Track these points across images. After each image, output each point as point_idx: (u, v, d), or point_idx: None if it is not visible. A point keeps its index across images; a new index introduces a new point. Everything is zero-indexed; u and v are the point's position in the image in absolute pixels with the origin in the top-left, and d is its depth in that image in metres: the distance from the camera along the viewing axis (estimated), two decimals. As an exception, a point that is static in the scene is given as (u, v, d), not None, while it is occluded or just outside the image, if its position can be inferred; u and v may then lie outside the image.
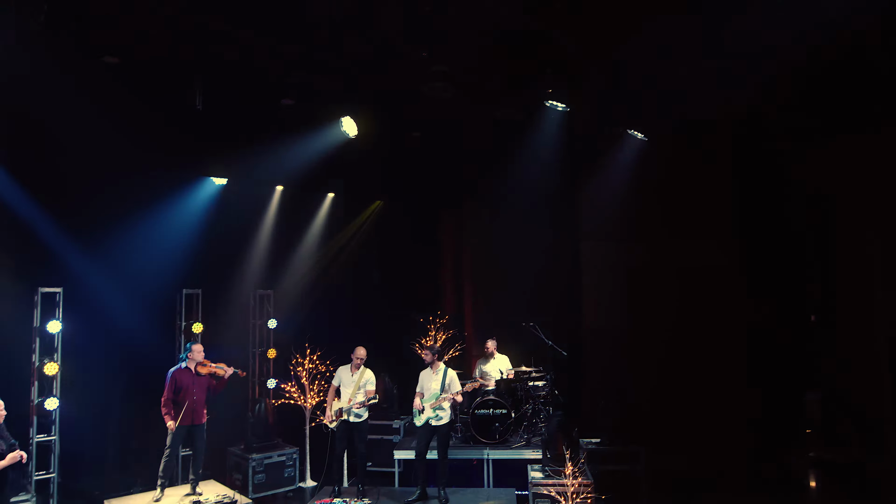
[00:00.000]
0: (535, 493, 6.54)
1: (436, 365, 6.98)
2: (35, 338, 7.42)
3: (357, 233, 11.38)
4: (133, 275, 8.49)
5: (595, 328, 10.16)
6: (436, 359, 6.98)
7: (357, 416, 6.96)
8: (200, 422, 6.80)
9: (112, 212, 8.25)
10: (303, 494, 8.36)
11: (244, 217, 9.77)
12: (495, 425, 7.95)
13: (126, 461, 8.94)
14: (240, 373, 7.05)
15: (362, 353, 7.16)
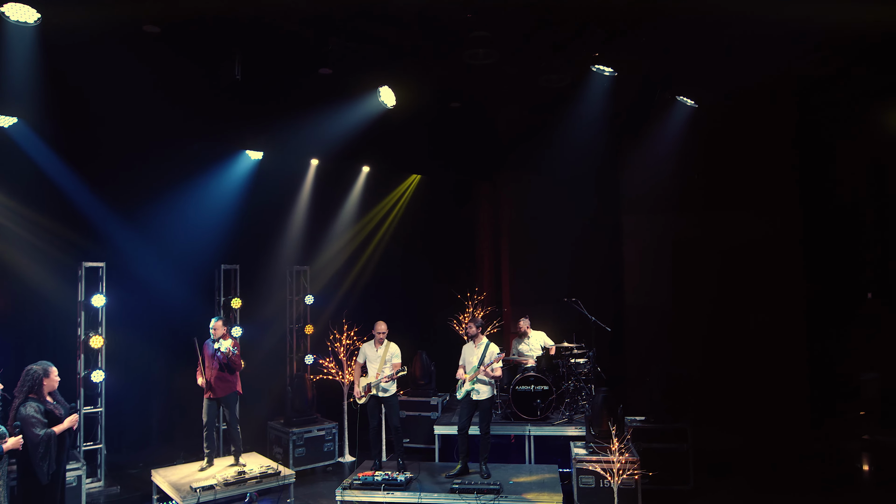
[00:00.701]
0: (580, 469, 6.52)
1: (478, 338, 6.98)
2: (80, 311, 7.64)
3: (393, 207, 11.39)
4: (173, 249, 8.68)
5: (637, 304, 10.04)
6: (479, 332, 6.98)
7: (384, 390, 7.03)
8: (223, 394, 6.95)
9: (151, 186, 8.41)
10: (342, 469, 8.51)
11: (280, 192, 9.85)
12: (536, 402, 7.95)
13: (169, 434, 9.22)
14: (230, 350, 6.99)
15: (383, 327, 7.22)
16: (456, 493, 6.22)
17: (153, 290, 8.54)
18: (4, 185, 7.30)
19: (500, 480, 6.48)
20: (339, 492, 6.33)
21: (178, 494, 5.95)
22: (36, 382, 4.73)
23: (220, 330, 6.97)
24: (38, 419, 4.59)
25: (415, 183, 11.38)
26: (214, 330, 6.96)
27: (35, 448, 4.54)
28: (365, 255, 11.10)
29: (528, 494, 6.21)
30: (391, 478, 6.44)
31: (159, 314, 8.68)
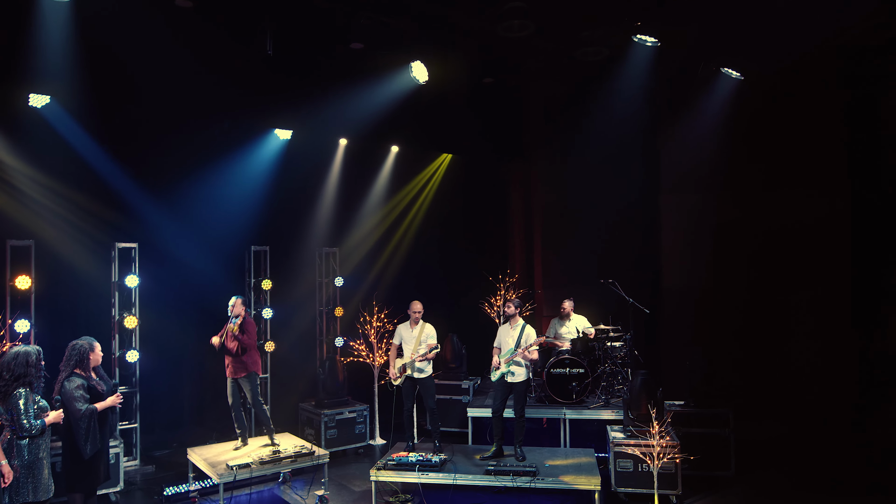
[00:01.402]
0: (618, 453, 6.50)
1: (515, 319, 6.96)
2: (114, 292, 7.81)
3: (424, 188, 11.40)
4: (203, 230, 8.83)
5: (675, 287, 9.91)
6: (517, 313, 6.96)
7: (419, 370, 7.05)
8: (238, 375, 7.04)
9: (183, 167, 8.54)
10: (372, 451, 8.62)
11: (308, 173, 9.94)
12: (572, 385, 7.93)
13: (200, 416, 9.43)
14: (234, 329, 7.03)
15: (419, 307, 7.21)
16: (492, 475, 6.24)
17: (184, 271, 8.71)
18: (41, 165, 7.48)
19: (535, 463, 6.49)
20: (374, 472, 6.40)
21: (214, 472, 6.08)
22: (83, 357, 4.86)
23: (238, 307, 7.05)
24: (81, 394, 4.72)
25: (445, 163, 11.36)
26: (232, 307, 7.04)
27: (77, 423, 4.67)
28: (395, 237, 11.14)
29: (565, 477, 6.20)
30: (426, 459, 6.49)
31: (190, 295, 8.85)
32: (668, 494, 6.35)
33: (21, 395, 4.25)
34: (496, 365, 6.89)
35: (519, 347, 6.78)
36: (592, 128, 9.46)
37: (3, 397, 4.17)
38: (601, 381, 8.16)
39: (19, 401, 4.23)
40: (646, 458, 6.10)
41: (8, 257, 6.79)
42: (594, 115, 9.27)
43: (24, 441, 4.25)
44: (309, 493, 6.88)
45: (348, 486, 7.19)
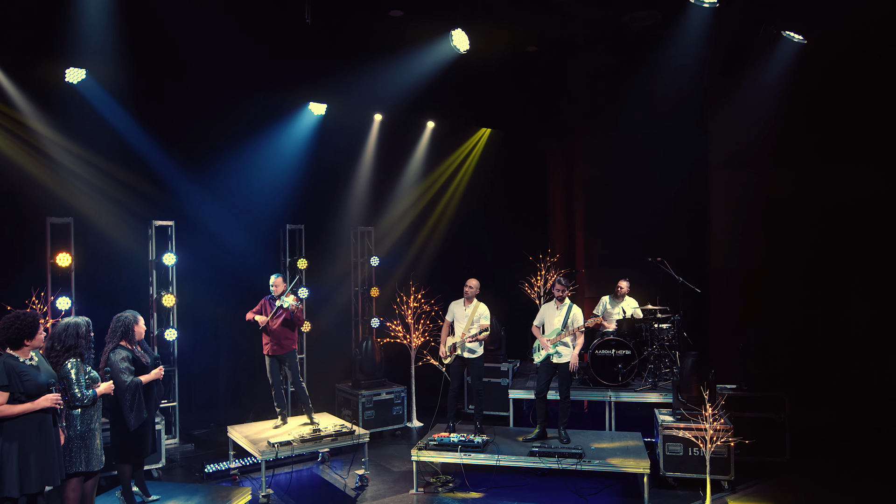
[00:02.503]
0: (667, 437, 6.46)
1: (563, 299, 6.93)
2: (151, 270, 8.01)
3: (461, 165, 11.39)
4: (238, 208, 8.98)
5: (725, 267, 9.75)
6: (565, 292, 6.93)
7: (471, 351, 7.06)
8: (283, 352, 7.16)
9: (218, 144, 8.68)
10: (410, 434, 8.72)
11: (343, 151, 10.00)
12: (618, 367, 7.89)
13: (236, 396, 9.65)
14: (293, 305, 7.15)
15: (474, 283, 7.20)
16: (536, 457, 6.27)
17: (220, 250, 8.88)
18: (78, 142, 7.67)
19: (580, 445, 6.49)
20: (415, 452, 6.48)
21: (255, 449, 6.23)
22: (128, 329, 5.01)
23: (281, 286, 7.15)
24: (126, 366, 4.88)
25: (484, 138, 11.32)
26: (275, 287, 7.13)
27: (122, 395, 4.83)
28: (433, 216, 11.19)
29: (612, 459, 6.20)
30: (468, 440, 6.55)
31: (225, 274, 9.02)
32: (720, 480, 6.30)
33: (73, 364, 4.40)
34: (544, 346, 6.86)
35: (566, 328, 6.75)
36: (639, 100, 9.29)
37: (55, 367, 4.33)
38: (648, 364, 8.11)
39: (71, 371, 4.38)
40: (697, 442, 6.05)
41: (48, 234, 6.99)
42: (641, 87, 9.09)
43: (76, 411, 4.42)
44: (349, 473, 7.01)
45: (387, 467, 7.31)
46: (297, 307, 7.14)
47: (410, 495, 6.45)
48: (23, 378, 3.96)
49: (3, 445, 3.91)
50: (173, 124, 8.31)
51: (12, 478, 3.89)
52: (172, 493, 5.38)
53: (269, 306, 7.15)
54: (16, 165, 7.28)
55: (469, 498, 6.33)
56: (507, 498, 6.27)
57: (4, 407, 3.90)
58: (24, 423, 3.96)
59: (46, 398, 4.01)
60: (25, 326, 4.04)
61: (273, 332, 7.07)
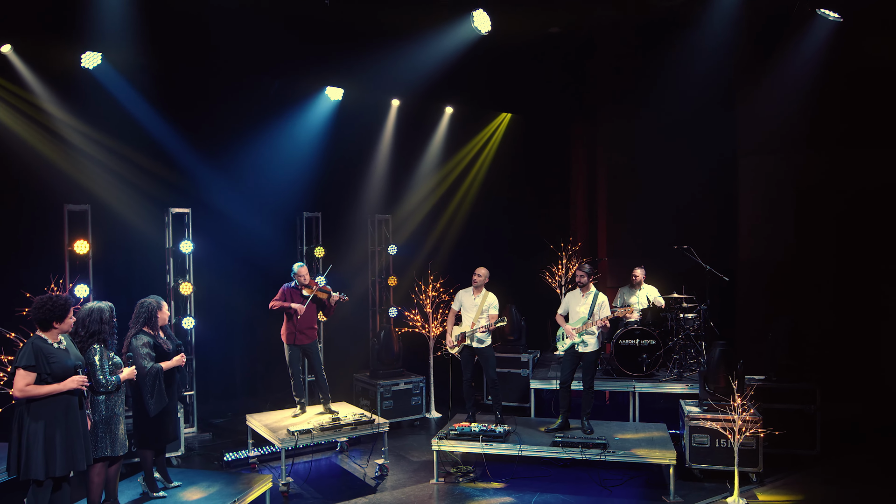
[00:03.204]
0: (693, 428, 6.45)
1: (587, 287, 6.92)
2: (168, 258, 8.11)
3: (480, 152, 11.39)
4: (255, 196, 9.06)
5: (753, 256, 9.67)
6: (589, 280, 6.92)
7: (479, 341, 7.09)
8: (308, 341, 7.22)
9: (235, 129, 8.77)
10: (428, 424, 8.78)
11: (359, 137, 10.04)
12: (642, 357, 7.88)
13: (253, 385, 9.78)
14: (342, 298, 7.32)
15: (483, 272, 7.20)
16: (559, 447, 6.29)
17: (236, 238, 8.98)
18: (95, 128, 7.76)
19: (604, 436, 6.51)
20: (436, 441, 6.53)
21: (275, 437, 6.31)
22: (151, 315, 5.10)
23: (306, 276, 7.19)
24: (147, 352, 4.96)
25: (504, 124, 11.30)
26: (300, 276, 7.17)
27: (142, 380, 4.91)
28: (452, 204, 11.21)
29: (637, 450, 6.21)
30: (490, 429, 6.59)
31: (242, 262, 9.12)
32: (749, 472, 6.29)
33: (96, 350, 4.49)
34: (569, 334, 6.87)
35: (592, 317, 6.75)
36: (666, 84, 9.21)
37: (81, 349, 4.42)
38: (673, 354, 8.08)
39: (95, 357, 4.47)
40: (725, 433, 6.04)
41: (66, 222, 7.10)
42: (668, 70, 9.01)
43: (100, 397, 4.51)
44: (368, 463, 7.09)
45: (406, 457, 7.37)
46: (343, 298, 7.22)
47: (431, 485, 6.51)
48: (50, 360, 4.05)
49: (29, 426, 4.00)
50: (190, 111, 8.39)
51: (38, 459, 3.98)
52: (194, 480, 5.48)
53: (292, 295, 7.18)
54: (33, 152, 7.39)
55: (490, 488, 6.38)
56: (529, 489, 6.31)
57: (31, 387, 3.99)
58: (51, 405, 4.05)
59: (73, 380, 4.09)
60: (56, 308, 4.13)
61: (298, 321, 7.10)
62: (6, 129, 7.24)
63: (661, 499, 6.05)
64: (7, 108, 7.24)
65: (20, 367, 4.00)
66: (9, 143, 7.22)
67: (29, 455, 3.99)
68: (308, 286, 7.16)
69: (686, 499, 6.03)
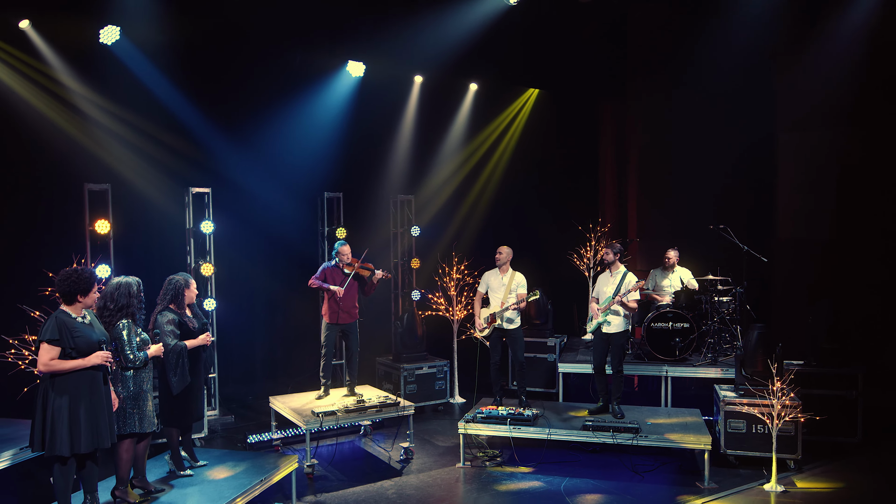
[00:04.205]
0: (729, 413, 6.44)
1: (615, 266, 6.92)
2: (189, 238, 8.22)
3: (506, 130, 11.36)
4: (275, 175, 9.14)
5: (791, 236, 9.56)
6: (617, 259, 6.91)
7: (509, 321, 7.11)
8: (350, 321, 7.28)
9: (256, 106, 8.86)
10: (452, 409, 8.86)
11: (381, 115, 10.07)
12: (675, 340, 7.86)
13: (273, 369, 9.93)
14: (386, 275, 7.41)
15: (506, 250, 7.21)
16: (590, 431, 6.32)
17: (256, 218, 9.10)
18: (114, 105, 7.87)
19: (636, 421, 6.52)
20: (462, 425, 6.60)
21: (300, 418, 6.42)
22: (178, 292, 5.20)
23: (348, 255, 7.24)
24: (171, 329, 5.07)
25: (530, 101, 11.26)
26: (342, 255, 7.22)
27: (166, 357, 5.03)
28: (477, 184, 11.23)
29: (670, 435, 6.22)
30: (518, 413, 6.63)
31: (262, 243, 9.25)
32: (786, 458, 6.28)
33: (124, 326, 4.60)
34: (594, 314, 6.89)
35: (618, 295, 6.75)
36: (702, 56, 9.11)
37: (107, 328, 4.53)
38: (707, 338, 8.04)
39: (122, 332, 4.58)
40: (764, 419, 6.02)
41: (86, 201, 7.21)
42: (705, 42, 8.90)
43: (128, 372, 4.63)
44: (393, 446, 7.18)
45: (431, 441, 7.46)
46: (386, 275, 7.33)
47: (457, 469, 6.59)
48: (74, 334, 4.15)
49: (54, 401, 4.11)
50: (210, 87, 8.48)
51: (63, 436, 4.09)
52: (220, 460, 5.60)
53: (333, 275, 7.25)
54: (53, 129, 7.52)
55: (518, 472, 6.44)
56: (558, 473, 6.36)
57: (56, 362, 4.09)
58: (76, 381, 4.15)
59: (97, 355, 4.19)
60: (81, 281, 4.22)
61: (341, 300, 7.17)
62: (27, 105, 7.37)
63: (694, 485, 6.06)
64: (27, 83, 7.36)
65: (44, 340, 4.10)
66: (29, 119, 7.35)
67: (54, 431, 4.09)
68: (350, 265, 7.22)
69: (721, 485, 6.04)
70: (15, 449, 5.25)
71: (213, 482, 5.13)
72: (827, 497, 5.87)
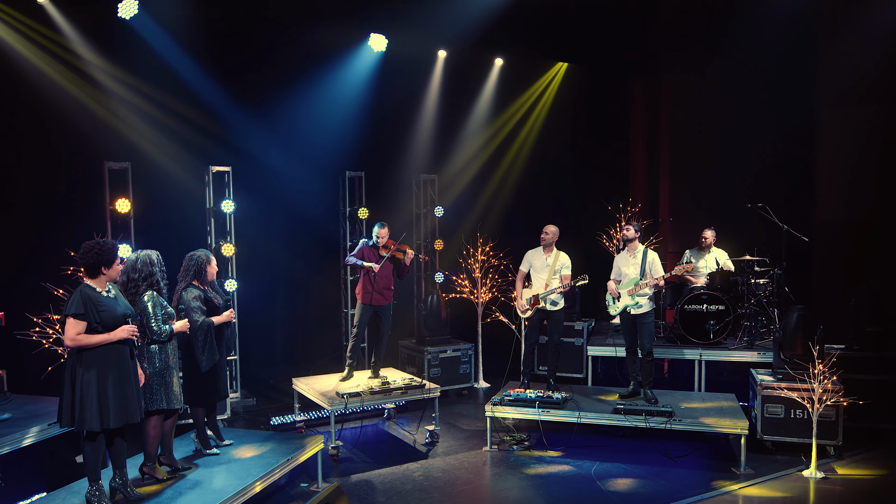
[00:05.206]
0: (766, 397, 6.40)
1: (633, 245, 6.87)
2: (209, 218, 8.30)
3: (533, 107, 11.30)
4: (296, 153, 9.19)
5: (832, 218, 9.44)
6: (637, 237, 6.86)
7: (553, 303, 7.08)
8: (385, 302, 7.32)
9: (276, 82, 8.90)
10: (476, 394, 8.91)
11: (404, 92, 10.06)
12: (709, 323, 7.82)
13: (293, 353, 10.04)
14: (421, 257, 7.47)
15: (552, 229, 7.18)
16: (621, 415, 6.32)
17: (277, 198, 9.17)
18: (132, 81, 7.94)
19: (669, 405, 6.50)
20: (490, 407, 6.63)
21: (324, 400, 6.49)
22: (201, 268, 5.27)
23: (386, 238, 7.27)
24: (198, 306, 5.14)
25: (558, 76, 11.17)
26: (380, 238, 7.25)
27: (194, 335, 5.10)
28: (503, 163, 11.22)
29: (705, 419, 6.21)
30: (546, 396, 6.65)
31: (282, 223, 9.33)
32: (826, 445, 6.24)
33: (149, 297, 4.67)
34: (614, 294, 6.84)
35: (645, 277, 6.70)
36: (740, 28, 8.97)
37: (132, 301, 4.61)
38: (743, 321, 7.98)
39: (147, 304, 4.65)
40: (804, 403, 5.99)
41: (106, 179, 7.32)
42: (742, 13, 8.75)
43: (153, 347, 4.71)
44: (418, 429, 7.25)
45: (457, 425, 7.51)
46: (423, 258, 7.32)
47: (484, 452, 6.64)
48: (99, 309, 4.22)
49: (82, 376, 4.19)
50: (229, 63, 8.53)
51: (93, 410, 4.17)
52: (246, 439, 5.70)
53: (371, 254, 7.29)
54: (72, 105, 7.60)
55: (547, 456, 6.47)
56: (587, 457, 6.38)
57: (82, 336, 4.17)
58: (103, 355, 4.23)
59: (123, 329, 4.26)
60: (104, 252, 4.29)
61: (376, 281, 7.21)
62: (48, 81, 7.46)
63: (729, 470, 6.05)
64: (47, 57, 7.45)
65: (69, 315, 4.16)
66: (49, 96, 7.44)
67: (83, 406, 4.17)
68: (386, 247, 7.26)
69: (758, 471, 6.02)
70: (42, 425, 5.37)
71: (239, 461, 5.22)
72: (869, 484, 5.84)
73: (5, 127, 7.33)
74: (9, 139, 7.37)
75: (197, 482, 4.80)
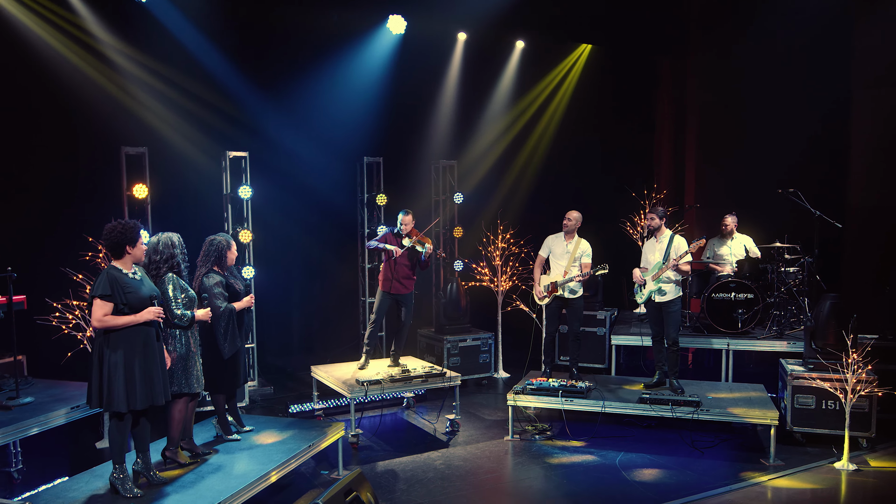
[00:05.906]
0: (797, 388, 6.37)
1: (661, 231, 6.83)
2: (226, 204, 8.37)
3: (556, 91, 11.26)
4: (314, 138, 9.25)
5: (864, 204, 9.33)
6: (662, 223, 6.83)
7: (572, 291, 7.09)
8: (405, 291, 7.36)
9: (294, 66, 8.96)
10: (496, 384, 8.95)
11: (423, 75, 10.07)
12: (738, 312, 7.78)
13: (310, 342, 10.14)
14: (439, 253, 7.49)
15: (575, 215, 7.15)
16: (647, 404, 6.32)
17: (294, 184, 9.22)
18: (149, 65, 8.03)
19: (696, 394, 6.49)
20: (511, 396, 6.66)
21: (344, 387, 6.56)
22: (221, 253, 5.32)
23: (410, 225, 7.30)
24: (220, 291, 5.20)
25: (582, 58, 11.11)
26: (404, 225, 7.27)
27: (216, 321, 5.16)
28: (525, 148, 11.21)
29: (734, 409, 6.19)
30: (570, 385, 6.67)
31: (300, 209, 9.39)
32: (858, 436, 6.21)
33: (169, 280, 4.74)
34: (639, 281, 6.82)
35: (668, 261, 6.67)
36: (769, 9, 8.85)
37: (154, 281, 4.67)
38: (772, 310, 7.93)
39: (168, 286, 4.71)
40: (837, 393, 5.96)
41: (123, 165, 7.40)
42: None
43: (176, 332, 4.78)
44: (438, 418, 7.30)
45: (477, 415, 7.56)
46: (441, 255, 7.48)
47: (506, 441, 6.68)
48: (126, 290, 4.30)
49: (109, 357, 4.28)
50: (246, 47, 8.62)
51: (120, 391, 4.26)
52: (266, 426, 5.77)
53: (393, 241, 7.33)
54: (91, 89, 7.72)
55: (570, 446, 6.50)
56: (612, 448, 6.40)
57: (109, 318, 4.25)
58: (130, 337, 4.31)
59: (149, 311, 4.33)
60: (127, 231, 4.36)
61: (396, 269, 7.25)
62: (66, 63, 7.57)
63: (758, 462, 6.04)
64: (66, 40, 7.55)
65: (96, 296, 4.24)
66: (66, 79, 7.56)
67: (111, 387, 4.26)
68: (409, 236, 7.28)
69: (787, 462, 6.01)
70: (67, 408, 5.49)
71: (261, 446, 5.30)
72: (903, 477, 5.81)
73: (25, 111, 7.44)
74: (28, 123, 7.48)
75: (219, 466, 4.89)
